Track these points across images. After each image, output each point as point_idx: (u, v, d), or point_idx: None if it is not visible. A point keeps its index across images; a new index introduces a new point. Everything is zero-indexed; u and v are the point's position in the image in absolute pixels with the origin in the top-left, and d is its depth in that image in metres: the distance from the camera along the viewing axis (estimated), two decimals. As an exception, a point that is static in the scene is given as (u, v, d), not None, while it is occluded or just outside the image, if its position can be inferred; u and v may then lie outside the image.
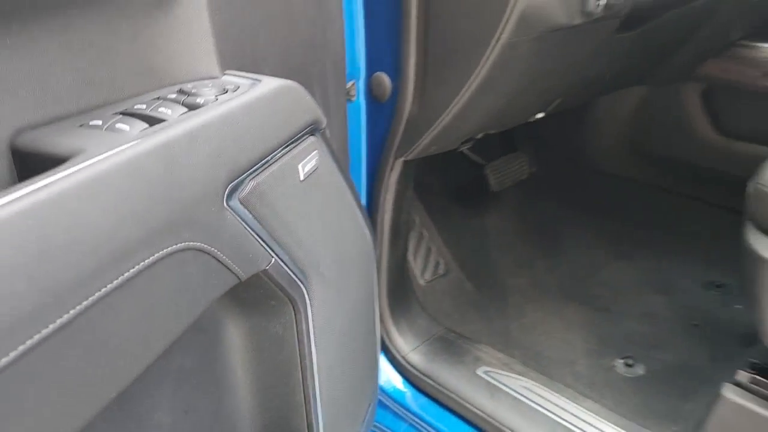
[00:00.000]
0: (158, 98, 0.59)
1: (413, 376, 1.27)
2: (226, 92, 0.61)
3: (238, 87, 0.63)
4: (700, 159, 1.63)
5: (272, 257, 0.65)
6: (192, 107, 0.57)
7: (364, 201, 1.23)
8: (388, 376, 1.30)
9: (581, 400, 1.16)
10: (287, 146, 0.66)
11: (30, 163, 0.48)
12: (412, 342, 1.31)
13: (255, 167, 0.60)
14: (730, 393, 1.01)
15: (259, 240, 0.62)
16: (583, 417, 1.13)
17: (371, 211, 1.23)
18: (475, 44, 0.97)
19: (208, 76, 0.66)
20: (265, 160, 0.62)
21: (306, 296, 0.73)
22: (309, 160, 0.71)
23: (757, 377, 0.99)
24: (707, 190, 1.65)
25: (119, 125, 0.51)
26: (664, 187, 1.72)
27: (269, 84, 0.65)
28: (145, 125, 0.52)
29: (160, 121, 0.53)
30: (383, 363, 1.30)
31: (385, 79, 1.11)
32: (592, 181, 1.80)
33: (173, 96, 0.59)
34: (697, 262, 1.54)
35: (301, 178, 0.69)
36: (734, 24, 1.42)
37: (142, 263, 0.46)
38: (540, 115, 1.29)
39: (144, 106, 0.55)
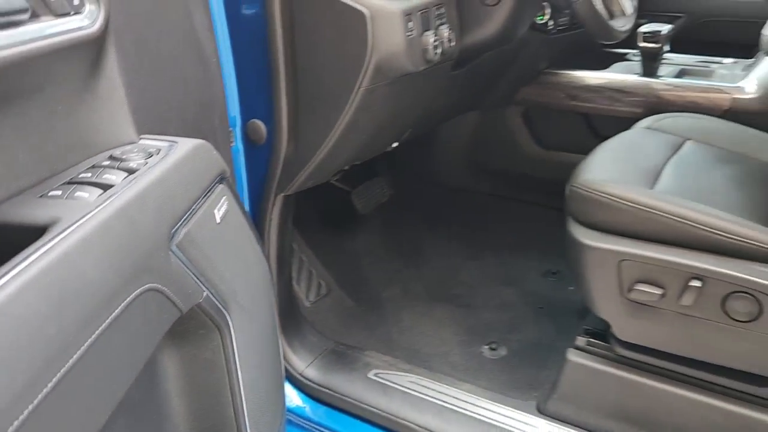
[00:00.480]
0: (94, 166, 0.68)
1: (311, 389, 1.40)
2: (152, 156, 0.72)
3: (160, 150, 0.74)
4: (527, 169, 1.92)
5: (204, 291, 0.76)
6: (130, 171, 0.67)
7: (250, 236, 1.34)
8: (288, 394, 1.42)
9: (459, 384, 1.36)
10: (205, 196, 0.78)
11: (8, 234, 0.56)
12: (307, 358, 1.43)
13: (185, 216, 0.72)
14: (573, 356, 1.25)
15: (194, 277, 0.73)
16: (463, 398, 1.32)
17: (258, 243, 1.35)
18: (340, 92, 1.14)
19: (128, 142, 0.76)
20: (192, 209, 0.73)
21: (230, 323, 0.84)
22: (221, 205, 0.83)
23: (591, 339, 1.24)
24: (535, 194, 1.95)
25: (78, 194, 0.60)
26: (501, 195, 2.00)
27: (185, 145, 0.76)
28: (100, 191, 0.62)
29: (110, 186, 0.63)
30: (282, 382, 1.42)
31: (260, 125, 1.24)
32: (442, 195, 2.04)
33: (107, 163, 0.69)
34: (534, 255, 1.81)
35: (218, 221, 0.81)
36: (540, 56, 1.72)
37: (122, 304, 0.56)
38: (395, 145, 1.49)
39: (89, 175, 0.65)
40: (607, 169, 1.23)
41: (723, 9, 2.41)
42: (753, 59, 1.68)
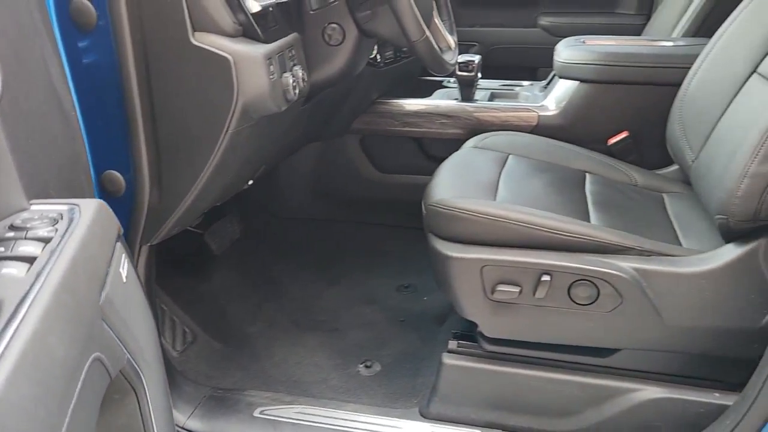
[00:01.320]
0: (-1, 239, 0.64)
1: (196, 440, 1.36)
2: (57, 222, 0.69)
3: (62, 214, 0.71)
4: (368, 192, 2.04)
5: (126, 354, 0.74)
6: (44, 240, 0.64)
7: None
8: (171, 450, 1.36)
9: (344, 405, 1.41)
10: (112, 256, 0.76)
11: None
12: (186, 410, 1.39)
13: (103, 280, 0.69)
14: (447, 359, 1.36)
15: (118, 341, 0.71)
16: (351, 417, 1.38)
17: (124, 299, 1.28)
18: (207, 137, 1.14)
19: (20, 209, 0.72)
20: (105, 272, 0.71)
21: (144, 383, 0.82)
22: (123, 263, 0.81)
23: (462, 342, 1.37)
24: (378, 216, 2.07)
25: (4, 271, 0.57)
26: (347, 219, 2.10)
27: (88, 207, 0.73)
28: (26, 264, 0.58)
29: (32, 258, 0.60)
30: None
31: (116, 176, 1.19)
32: (292, 226, 2.08)
33: (12, 234, 0.65)
34: (386, 272, 1.92)
35: (124, 280, 0.79)
36: (372, 88, 1.84)
37: (82, 377, 0.54)
38: (250, 182, 1.51)
39: (2, 249, 0.61)
40: (455, 187, 1.38)
41: (509, 37, 2.78)
42: (547, 80, 1.96)
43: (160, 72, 1.12)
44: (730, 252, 1.16)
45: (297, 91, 1.23)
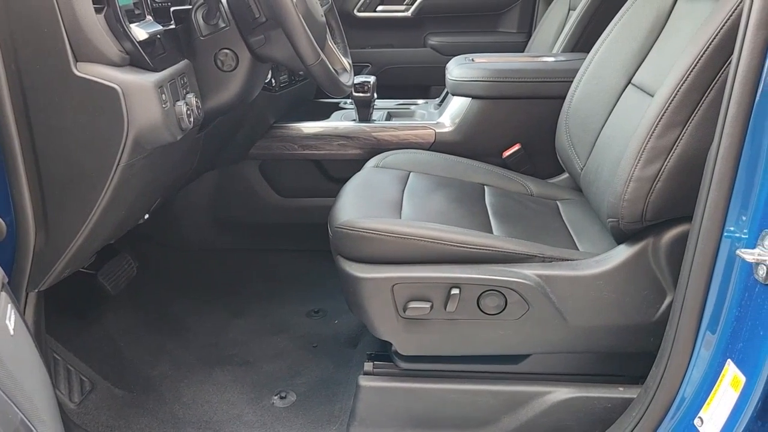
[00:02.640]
0: None
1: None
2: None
3: (-65, 267, 0.64)
4: (269, 218, 1.99)
5: (18, 414, 0.67)
6: None
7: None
8: None
9: (262, 441, 1.36)
10: (-4, 308, 0.69)
11: None
12: (89, 467, 1.29)
13: (-12, 336, 0.63)
14: (363, 381, 1.35)
15: (11, 402, 0.65)
16: (270, 453, 1.33)
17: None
18: (97, 172, 1.08)
19: None
20: (-10, 326, 0.65)
21: (41, 443, 0.75)
22: (10, 315, 0.74)
23: (377, 362, 1.36)
24: (281, 241, 2.04)
25: None
26: (249, 247, 2.05)
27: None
28: None
29: None
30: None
31: (-5, 219, 1.10)
32: (191, 259, 2.00)
33: None
34: (294, 298, 1.88)
35: (11, 333, 0.72)
36: (268, 112, 1.82)
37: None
38: (146, 217, 1.44)
39: None
40: (360, 207, 1.37)
41: (400, 57, 2.84)
42: (440, 98, 2.01)
43: (41, 105, 1.05)
44: (623, 252, 1.23)
45: (192, 119, 1.19)
